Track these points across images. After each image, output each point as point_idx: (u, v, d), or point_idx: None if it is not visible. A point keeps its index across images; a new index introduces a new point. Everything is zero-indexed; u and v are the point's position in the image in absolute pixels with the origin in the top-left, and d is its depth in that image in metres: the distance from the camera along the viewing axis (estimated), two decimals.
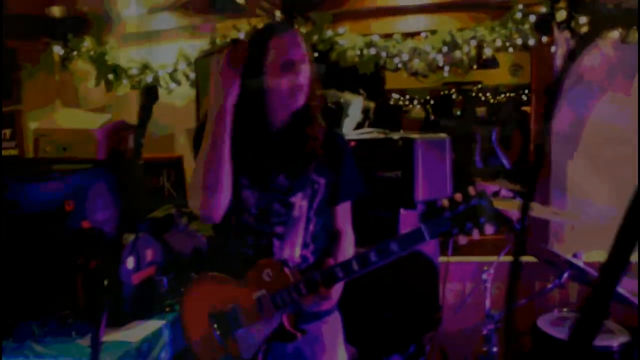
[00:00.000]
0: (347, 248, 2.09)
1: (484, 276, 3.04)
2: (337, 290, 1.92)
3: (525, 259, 3.27)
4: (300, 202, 1.95)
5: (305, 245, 2.00)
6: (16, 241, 2.93)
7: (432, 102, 8.44)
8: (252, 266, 1.94)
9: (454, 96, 8.18)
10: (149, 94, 2.01)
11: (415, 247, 1.73)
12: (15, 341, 2.48)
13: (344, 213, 2.10)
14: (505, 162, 5.20)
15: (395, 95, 8.26)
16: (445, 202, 1.64)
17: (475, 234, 1.61)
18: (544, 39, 3.64)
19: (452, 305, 3.35)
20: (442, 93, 8.11)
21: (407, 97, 8.43)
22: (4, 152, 4.93)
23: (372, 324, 2.98)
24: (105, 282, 2.08)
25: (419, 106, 8.62)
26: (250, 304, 1.92)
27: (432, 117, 8.07)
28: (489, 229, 1.59)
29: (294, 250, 1.98)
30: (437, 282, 3.24)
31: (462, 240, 1.65)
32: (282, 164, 1.96)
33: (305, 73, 1.90)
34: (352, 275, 1.83)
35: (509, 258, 3.23)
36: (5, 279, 2.97)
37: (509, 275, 0.66)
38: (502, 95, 7.94)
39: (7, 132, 4.91)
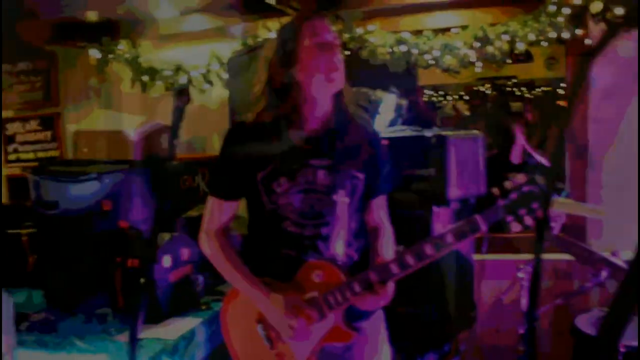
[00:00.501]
0: (388, 243, 2.05)
1: (520, 274, 3.00)
2: (391, 287, 1.85)
3: (563, 257, 3.22)
4: (342, 199, 1.91)
5: (349, 244, 1.97)
6: (56, 240, 3.02)
7: (466, 97, 8.34)
8: (299, 268, 1.90)
9: (488, 91, 8.07)
10: (181, 96, 2.06)
11: (470, 237, 1.69)
12: (59, 336, 2.55)
13: (382, 208, 2.08)
14: (538, 158, 5.13)
15: (428, 92, 8.19)
16: (497, 191, 1.64)
17: (529, 221, 1.60)
18: (579, 31, 3.57)
19: (488, 304, 3.32)
20: (475, 88, 8.00)
21: (441, 93, 8.35)
22: (45, 154, 5.07)
23: (407, 322, 2.97)
24: (142, 281, 2.12)
25: (452, 102, 8.53)
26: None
27: (467, 113, 7.97)
28: (540, 213, 1.58)
29: (340, 249, 1.94)
30: (472, 280, 3.21)
31: (515, 227, 1.64)
32: (321, 161, 1.91)
33: (339, 55, 1.88)
34: (407, 270, 1.78)
35: (546, 256, 3.20)
36: (49, 276, 3.06)
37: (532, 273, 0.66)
38: (538, 90, 7.80)
39: (48, 134, 5.05)
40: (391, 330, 2.24)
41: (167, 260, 2.75)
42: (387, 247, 2.02)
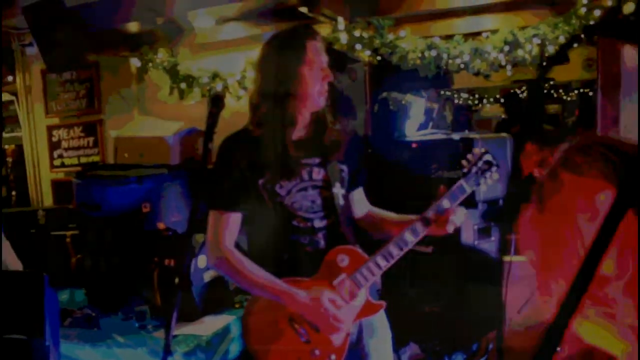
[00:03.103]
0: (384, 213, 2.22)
1: None
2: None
3: None
4: (339, 190, 2.06)
5: (351, 230, 2.11)
6: (98, 241, 3.16)
7: (502, 100, 8.29)
8: (321, 258, 2.00)
9: (524, 94, 8.00)
10: (216, 102, 2.14)
11: (460, 199, 2.00)
12: (100, 332, 2.68)
13: (363, 197, 2.23)
14: None
15: (464, 95, 8.17)
16: (465, 162, 2.04)
17: (490, 180, 2.06)
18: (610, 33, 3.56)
19: (515, 305, 3.32)
20: (511, 91, 7.94)
21: (477, 96, 8.31)
22: (88, 159, 5.27)
23: (435, 322, 3.01)
24: (176, 280, 2.20)
25: (488, 105, 8.49)
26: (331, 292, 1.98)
27: (503, 116, 7.92)
28: (496, 176, 2.07)
29: (348, 235, 2.06)
30: (500, 282, 3.23)
31: (483, 187, 2.08)
32: (312, 160, 2.05)
33: (329, 79, 2.02)
34: (419, 237, 1.98)
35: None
36: (91, 275, 3.20)
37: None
38: (575, 92, 7.71)
39: (90, 140, 5.26)
40: (419, 330, 2.30)
41: (202, 261, 2.85)
42: (390, 213, 2.19)
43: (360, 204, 2.21)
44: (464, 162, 2.03)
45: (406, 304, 2.16)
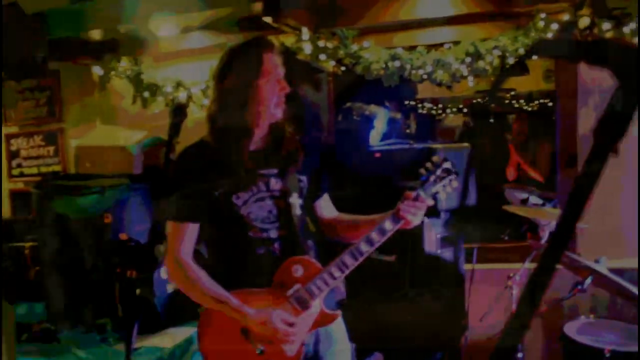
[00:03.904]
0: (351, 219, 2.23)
1: (510, 283, 3.07)
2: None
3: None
4: (297, 201, 2.06)
5: (308, 240, 2.09)
6: (57, 252, 3.10)
7: (465, 110, 8.41)
8: (276, 268, 2.01)
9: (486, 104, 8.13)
10: (178, 112, 2.14)
11: (416, 208, 2.02)
12: (59, 346, 2.63)
13: (329, 202, 2.25)
14: (532, 174, 5.20)
15: (427, 105, 8.27)
16: (423, 171, 2.06)
17: (450, 188, 2.09)
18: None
19: (478, 312, 3.37)
20: (474, 101, 8.08)
21: (440, 106, 8.42)
22: (48, 169, 5.17)
23: (399, 331, 3.03)
24: (138, 292, 2.18)
25: (451, 115, 8.61)
26: (285, 303, 1.98)
27: (465, 126, 8.05)
28: (455, 184, 2.10)
29: (304, 245, 2.06)
30: (462, 290, 3.28)
31: (442, 196, 2.11)
32: (269, 170, 2.06)
33: (286, 90, 2.04)
34: (375, 246, 1.99)
35: (535, 264, 3.26)
36: (49, 287, 3.14)
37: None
38: (536, 102, 7.88)
39: (51, 149, 5.16)
40: (383, 339, 2.31)
41: (164, 272, 2.82)
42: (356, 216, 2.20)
43: (327, 210, 2.23)
44: (422, 170, 2.06)
45: (370, 313, 2.17)
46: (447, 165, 2.08)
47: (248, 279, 2.03)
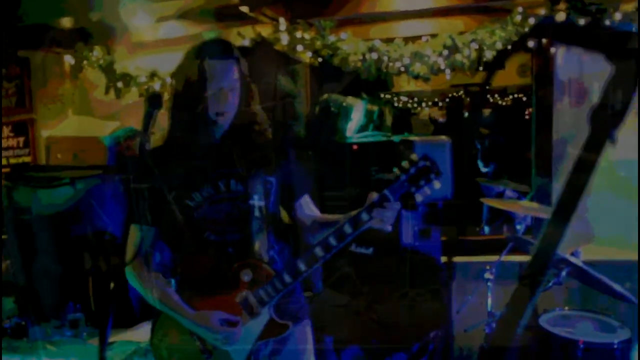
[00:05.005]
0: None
1: (487, 275, 3.08)
2: None
3: (526, 258, 3.30)
4: (258, 203, 2.00)
5: (270, 246, 2.04)
6: (28, 245, 3.03)
7: (440, 104, 8.46)
8: (227, 273, 1.96)
9: (462, 97, 8.19)
10: (153, 102, 2.09)
11: (384, 210, 1.82)
12: (29, 342, 2.56)
13: (310, 204, 2.16)
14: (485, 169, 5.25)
15: (403, 98, 8.29)
16: (397, 170, 1.85)
17: (428, 190, 1.84)
18: (544, 40, 3.68)
19: (456, 305, 3.39)
20: (449, 95, 8.12)
21: (415, 99, 8.45)
22: (18, 160, 5.05)
23: (377, 323, 3.03)
24: (112, 285, 2.14)
25: (427, 109, 8.64)
26: (234, 308, 1.95)
27: (441, 120, 8.09)
28: (437, 185, 1.84)
29: (262, 251, 2.02)
30: (440, 282, 3.29)
31: (419, 197, 1.86)
32: (230, 171, 2.01)
33: (231, 100, 1.96)
34: (332, 252, 1.88)
35: (511, 257, 3.29)
36: (20, 282, 3.07)
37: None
38: (510, 97, 7.95)
39: (21, 140, 5.04)
40: (360, 331, 2.29)
41: None
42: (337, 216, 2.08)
43: (308, 211, 2.15)
44: (396, 169, 1.87)
45: (347, 305, 2.16)
46: (425, 164, 1.86)
47: (204, 283, 1.99)
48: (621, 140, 0.68)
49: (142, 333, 2.62)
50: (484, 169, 5.27)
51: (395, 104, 8.06)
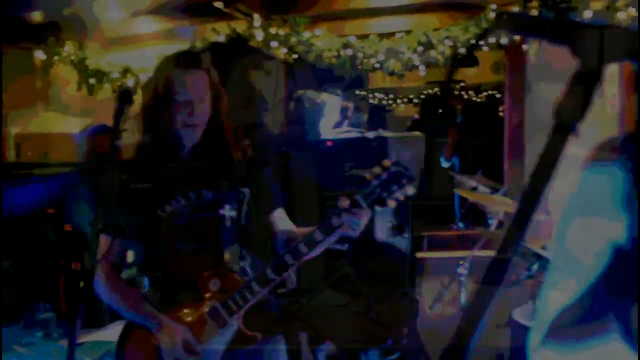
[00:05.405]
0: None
1: (460, 270, 3.11)
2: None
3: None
4: (229, 213, 1.97)
5: (241, 257, 2.01)
6: None
7: (415, 101, 8.50)
8: (196, 282, 1.93)
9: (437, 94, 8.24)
10: (123, 98, 2.06)
11: (354, 217, 1.79)
12: None
13: (284, 219, 2.12)
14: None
15: (379, 95, 8.32)
16: (369, 175, 1.80)
17: (400, 195, 1.79)
18: (517, 37, 3.71)
19: (429, 300, 3.41)
20: (425, 92, 8.17)
21: (391, 96, 8.49)
22: None
23: (351, 319, 3.03)
24: (81, 284, 2.10)
25: (403, 105, 8.69)
26: (202, 317, 1.91)
27: (416, 116, 8.13)
28: (410, 190, 1.79)
29: (233, 261, 1.99)
30: (413, 278, 3.30)
31: (391, 203, 1.81)
32: (202, 180, 1.98)
33: (201, 111, 1.93)
34: (302, 259, 1.86)
35: (484, 252, 3.31)
36: None
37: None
38: (484, 94, 8.03)
39: None
40: (335, 327, 2.29)
41: None
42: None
43: (282, 224, 2.10)
44: (367, 175, 1.81)
45: (321, 302, 2.15)
46: (397, 169, 1.81)
47: (174, 291, 1.96)
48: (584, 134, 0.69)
49: (113, 333, 2.58)
50: (446, 164, 5.30)
51: (371, 100, 8.09)
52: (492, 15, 3.71)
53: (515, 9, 3.73)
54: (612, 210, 0.91)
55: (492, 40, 3.72)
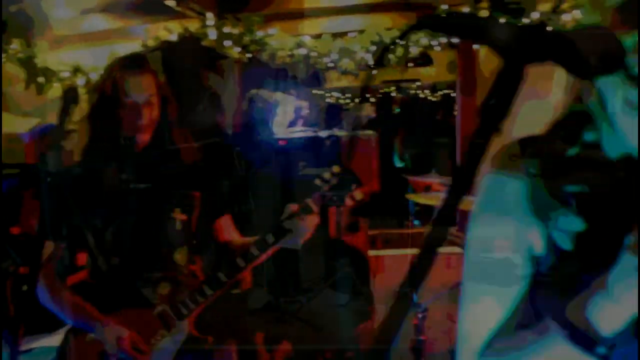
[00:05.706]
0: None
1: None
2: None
3: (453, 250, 3.39)
4: (180, 216, 1.97)
5: (191, 261, 2.01)
6: None
7: (371, 100, 8.57)
8: (145, 286, 1.93)
9: (393, 94, 8.34)
10: (68, 97, 2.02)
11: (303, 222, 1.81)
12: None
13: (231, 226, 2.11)
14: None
15: (335, 94, 8.37)
16: (319, 181, 1.82)
17: (349, 200, 1.82)
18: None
19: (384, 298, 3.44)
20: (381, 91, 8.25)
21: (347, 95, 8.55)
22: None
23: (306, 318, 3.04)
24: (24, 288, 2.06)
25: (359, 104, 8.75)
26: (152, 323, 1.90)
27: (372, 115, 8.19)
28: (358, 195, 1.82)
29: (183, 266, 1.98)
30: (367, 275, 3.33)
31: (349, 202, 1.84)
32: (151, 183, 1.97)
33: (148, 114, 1.92)
34: (255, 260, 1.86)
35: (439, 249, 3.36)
36: None
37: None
38: (439, 93, 8.16)
39: None
40: (289, 327, 2.28)
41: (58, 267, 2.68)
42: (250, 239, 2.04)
43: (227, 233, 2.08)
44: (317, 180, 1.83)
45: (274, 302, 2.15)
46: (345, 174, 1.83)
47: (123, 295, 1.93)
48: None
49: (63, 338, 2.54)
50: (399, 163, 5.37)
51: (327, 100, 8.14)
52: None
53: (466, 9, 3.79)
54: (518, 214, 0.91)
55: (443, 40, 3.78)
